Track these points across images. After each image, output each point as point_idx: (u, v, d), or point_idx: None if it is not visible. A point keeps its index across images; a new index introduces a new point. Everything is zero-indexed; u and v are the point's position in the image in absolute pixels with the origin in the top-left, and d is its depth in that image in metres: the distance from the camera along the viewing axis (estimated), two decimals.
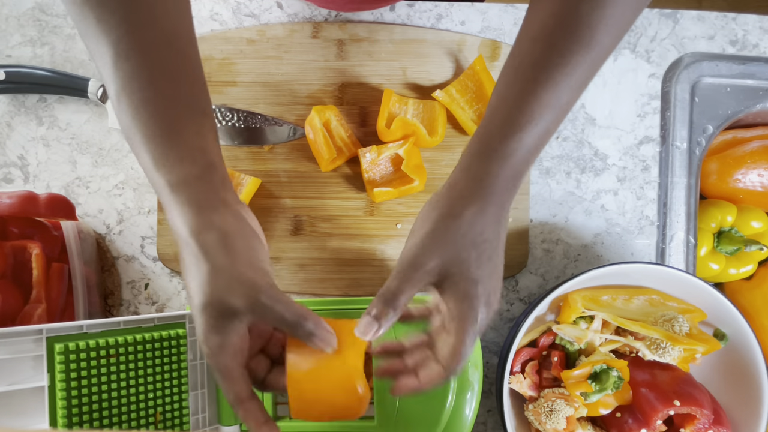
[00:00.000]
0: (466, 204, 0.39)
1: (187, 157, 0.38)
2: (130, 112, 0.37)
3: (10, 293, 0.49)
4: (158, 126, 0.37)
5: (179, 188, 0.37)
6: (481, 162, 0.39)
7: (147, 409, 0.46)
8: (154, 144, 0.37)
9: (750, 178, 0.64)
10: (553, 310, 0.56)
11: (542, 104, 0.38)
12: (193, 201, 0.37)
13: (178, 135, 0.38)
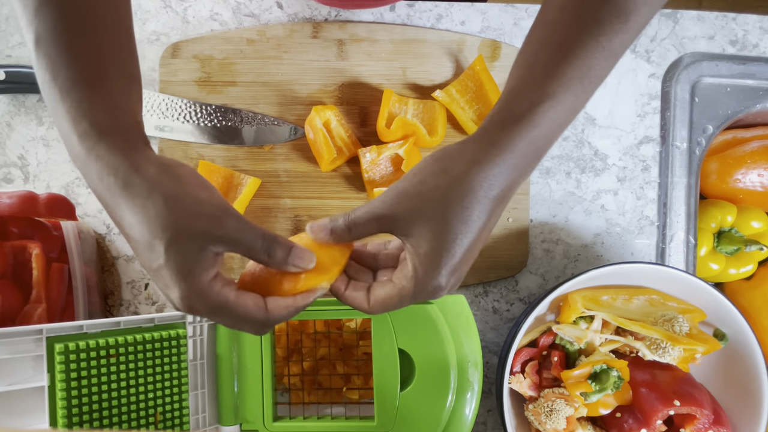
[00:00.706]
0: (469, 166, 0.35)
1: (111, 109, 0.35)
2: (49, 59, 0.35)
3: (10, 293, 0.49)
4: (81, 75, 0.35)
5: (103, 134, 0.34)
6: (501, 128, 0.35)
7: (147, 409, 0.46)
8: (75, 92, 0.34)
9: (750, 178, 0.64)
10: (553, 310, 0.56)
11: (574, 73, 0.35)
12: (121, 146, 0.34)
13: (103, 88, 0.35)
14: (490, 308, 0.62)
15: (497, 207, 0.36)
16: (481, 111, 0.61)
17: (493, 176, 0.35)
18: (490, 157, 0.35)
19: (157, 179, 0.33)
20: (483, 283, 0.61)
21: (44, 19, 0.35)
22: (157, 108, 0.61)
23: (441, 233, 0.35)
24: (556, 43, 0.35)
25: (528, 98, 0.35)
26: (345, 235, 0.38)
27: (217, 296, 0.34)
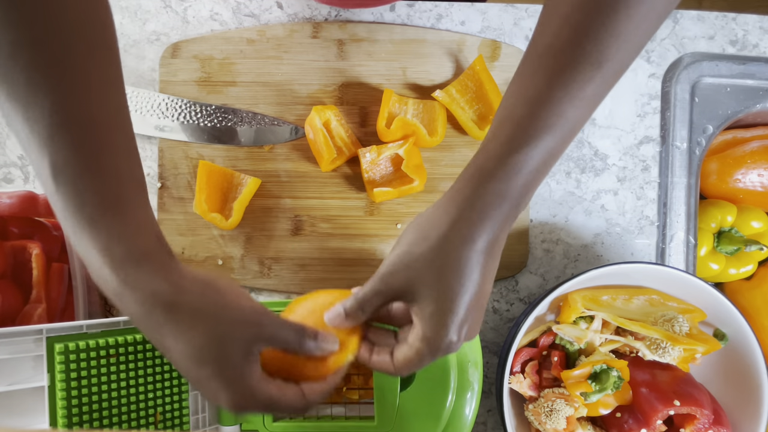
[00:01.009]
0: (444, 230, 0.37)
1: (141, 227, 0.36)
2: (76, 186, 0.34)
3: (10, 293, 0.49)
4: (109, 200, 0.35)
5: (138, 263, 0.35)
6: (472, 186, 0.37)
7: (147, 409, 0.46)
8: (106, 219, 0.34)
9: (750, 178, 0.64)
10: (553, 310, 0.56)
11: (543, 124, 0.36)
12: (161, 265, 0.36)
13: (130, 208, 0.36)
14: (490, 308, 0.62)
15: (488, 258, 0.37)
16: (481, 111, 0.61)
17: (473, 233, 0.36)
18: (465, 215, 0.37)
19: (201, 298, 0.36)
20: None
21: (61, 147, 0.33)
22: (157, 108, 0.61)
23: (440, 295, 0.37)
24: (528, 97, 0.36)
25: (496, 155, 0.36)
26: (359, 315, 0.40)
27: (263, 394, 0.37)
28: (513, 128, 0.36)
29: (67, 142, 0.33)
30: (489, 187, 0.36)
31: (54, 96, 0.33)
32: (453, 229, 0.37)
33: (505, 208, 0.37)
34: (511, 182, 0.36)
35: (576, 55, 0.35)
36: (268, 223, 0.61)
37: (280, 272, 0.61)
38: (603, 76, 0.35)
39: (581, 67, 0.35)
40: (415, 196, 0.61)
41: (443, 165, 0.61)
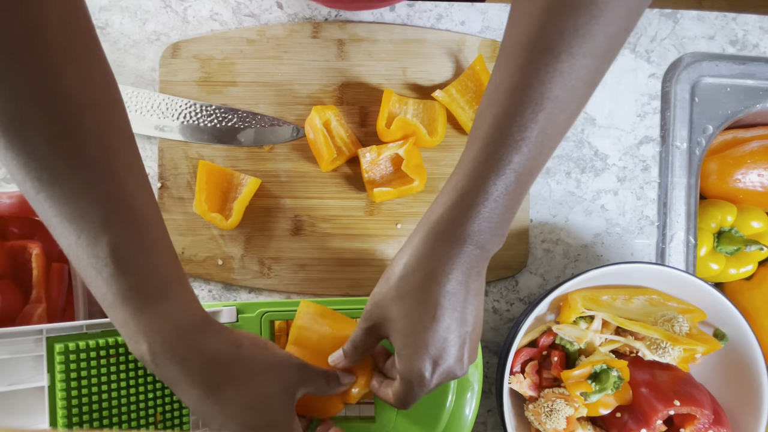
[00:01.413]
0: (397, 270, 0.39)
1: (192, 298, 0.40)
2: (134, 265, 0.35)
3: (10, 293, 0.49)
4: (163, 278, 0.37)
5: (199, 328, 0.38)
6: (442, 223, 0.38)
7: (147, 409, 0.46)
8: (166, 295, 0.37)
9: (750, 178, 0.64)
10: (553, 310, 0.56)
11: (502, 163, 0.36)
12: (214, 332, 0.39)
13: (181, 283, 0.39)
14: (490, 308, 0.62)
15: (460, 293, 0.38)
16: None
17: (436, 269, 0.37)
18: (428, 252, 0.38)
19: (255, 350, 0.39)
20: None
21: (118, 230, 0.35)
22: (157, 108, 0.61)
23: (405, 331, 0.38)
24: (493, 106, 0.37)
25: (462, 186, 0.37)
26: (357, 354, 0.43)
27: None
28: (477, 152, 0.37)
29: (123, 223, 0.35)
30: (452, 226, 0.37)
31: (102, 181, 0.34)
32: (416, 266, 0.38)
33: (474, 243, 0.37)
34: (474, 220, 0.37)
35: (539, 50, 0.34)
36: (268, 223, 0.61)
37: (280, 272, 0.61)
38: (567, 71, 0.35)
39: (544, 63, 0.34)
40: (415, 196, 0.61)
41: (443, 165, 0.61)
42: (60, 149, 0.32)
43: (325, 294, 0.61)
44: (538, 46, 0.34)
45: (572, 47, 0.33)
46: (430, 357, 0.38)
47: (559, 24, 0.33)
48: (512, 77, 0.35)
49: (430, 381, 0.38)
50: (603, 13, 0.33)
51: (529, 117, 0.35)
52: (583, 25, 0.33)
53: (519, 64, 0.35)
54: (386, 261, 0.61)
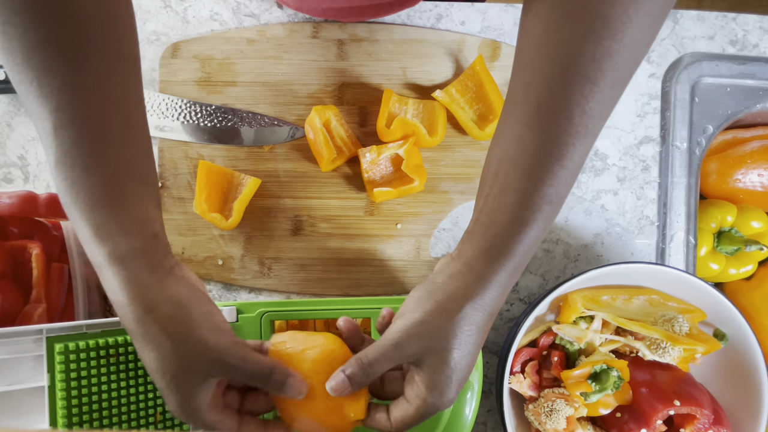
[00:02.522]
0: (463, 303, 0.39)
1: (130, 228, 0.37)
2: (68, 181, 0.36)
3: (10, 293, 0.49)
4: (99, 196, 0.36)
5: (123, 263, 0.36)
6: (486, 262, 0.39)
7: (147, 409, 0.46)
8: (94, 215, 0.36)
9: (750, 178, 0.64)
10: (553, 310, 0.56)
11: (545, 200, 0.38)
12: (140, 278, 0.37)
13: (120, 205, 0.37)
14: None
15: (488, 324, 0.40)
16: (481, 111, 0.61)
17: (483, 305, 0.39)
18: (478, 291, 0.39)
19: (167, 324, 0.37)
20: None
21: (61, 141, 0.35)
22: (157, 108, 0.61)
23: (450, 361, 0.39)
24: (526, 165, 0.38)
25: (506, 230, 0.38)
26: (364, 380, 0.40)
27: (204, 419, 0.38)
28: (516, 203, 0.38)
29: (68, 135, 0.35)
30: (501, 265, 0.39)
31: (60, 95, 0.35)
32: (470, 304, 0.39)
33: (511, 281, 0.40)
34: (517, 258, 0.39)
35: (562, 128, 0.37)
36: (268, 223, 0.61)
37: (280, 272, 0.61)
38: (585, 147, 0.38)
39: (573, 139, 0.37)
40: (415, 196, 0.61)
41: (443, 165, 0.61)
42: (31, 61, 0.34)
43: (325, 294, 0.61)
44: (572, 72, 0.36)
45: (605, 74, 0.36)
46: (462, 382, 0.40)
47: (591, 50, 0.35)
48: (547, 104, 0.37)
49: (440, 408, 0.40)
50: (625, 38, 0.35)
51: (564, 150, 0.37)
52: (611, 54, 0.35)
53: (554, 92, 0.37)
54: (386, 261, 0.61)
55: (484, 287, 0.39)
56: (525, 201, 0.38)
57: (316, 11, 0.61)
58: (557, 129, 0.37)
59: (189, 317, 0.38)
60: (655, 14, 0.35)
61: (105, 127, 0.37)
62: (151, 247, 0.38)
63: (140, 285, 0.37)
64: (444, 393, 0.39)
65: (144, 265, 0.37)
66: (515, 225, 0.38)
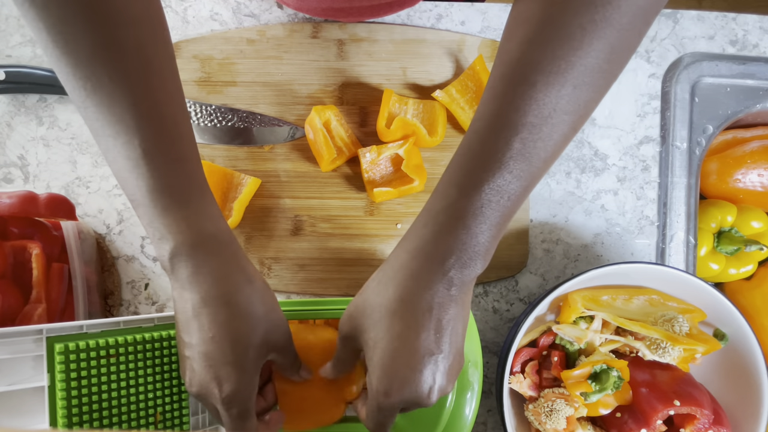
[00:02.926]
0: (399, 282, 0.37)
1: (221, 215, 0.41)
2: (159, 172, 0.38)
3: (10, 293, 0.49)
4: (190, 186, 0.39)
5: (225, 242, 0.40)
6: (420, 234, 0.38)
7: (147, 409, 0.46)
8: (191, 202, 0.39)
9: (750, 178, 0.64)
10: (553, 310, 0.56)
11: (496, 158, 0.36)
12: (241, 254, 0.41)
13: (208, 195, 0.41)
14: (490, 308, 0.62)
15: (436, 312, 0.37)
16: None
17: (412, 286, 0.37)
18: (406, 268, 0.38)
19: (263, 294, 0.41)
20: (483, 283, 0.61)
21: (147, 134, 0.37)
22: None
23: (374, 345, 0.38)
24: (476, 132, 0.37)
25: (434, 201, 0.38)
26: (341, 366, 0.44)
27: (245, 403, 0.40)
28: (451, 175, 0.37)
29: (152, 131, 0.37)
30: (426, 247, 0.37)
31: (136, 90, 0.37)
32: (389, 282, 0.38)
33: (447, 266, 0.36)
34: (447, 242, 0.36)
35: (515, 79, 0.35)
36: (268, 223, 0.61)
37: (280, 272, 0.61)
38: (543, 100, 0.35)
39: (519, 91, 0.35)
40: (415, 196, 0.61)
41: (443, 165, 0.61)
42: (100, 60, 0.35)
43: (325, 294, 0.61)
44: (515, 76, 0.35)
45: (549, 77, 0.34)
46: (391, 377, 0.37)
47: (537, 54, 0.34)
48: (489, 105, 0.36)
49: (393, 402, 0.37)
50: (583, 45, 0.34)
51: (502, 142, 0.35)
52: (562, 56, 0.34)
53: (497, 93, 0.36)
54: None
55: (388, 264, 0.39)
56: (453, 186, 0.37)
57: (315, 11, 0.61)
58: (491, 126, 0.36)
59: (271, 294, 0.43)
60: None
61: (179, 121, 0.39)
62: (230, 236, 0.42)
63: (243, 260, 0.41)
64: (376, 381, 0.37)
65: (238, 243, 0.42)
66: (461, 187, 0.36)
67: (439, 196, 0.37)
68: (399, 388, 0.37)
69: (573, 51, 0.34)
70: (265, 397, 0.46)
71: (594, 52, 0.34)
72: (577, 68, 0.34)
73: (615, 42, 0.34)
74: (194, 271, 0.39)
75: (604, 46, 0.34)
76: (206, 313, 0.39)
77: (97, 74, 0.36)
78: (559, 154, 0.37)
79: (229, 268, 0.40)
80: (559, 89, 0.34)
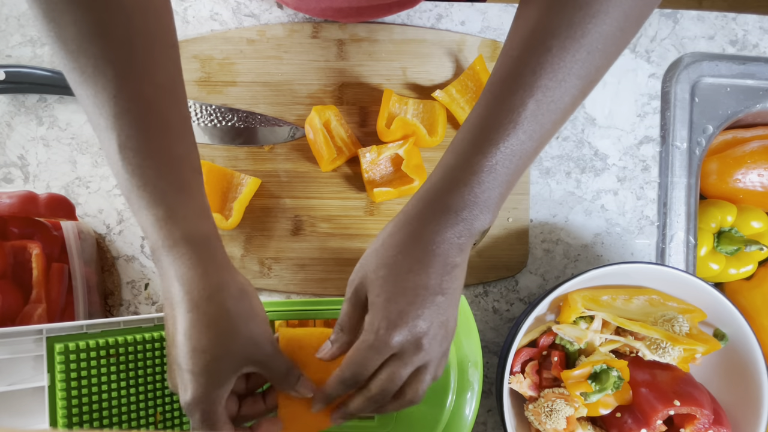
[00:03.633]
0: (411, 226, 0.38)
1: (202, 213, 0.39)
2: (133, 166, 0.37)
3: (10, 293, 0.49)
4: (168, 181, 0.37)
5: (199, 242, 0.38)
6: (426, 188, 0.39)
7: (147, 409, 0.46)
8: (166, 198, 0.37)
9: (750, 178, 0.64)
10: (553, 310, 0.56)
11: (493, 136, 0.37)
12: (215, 257, 0.38)
13: (188, 192, 0.38)
14: (490, 308, 0.62)
15: (442, 256, 0.38)
16: None
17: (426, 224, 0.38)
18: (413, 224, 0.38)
19: (235, 303, 0.38)
20: (483, 283, 0.61)
21: (125, 126, 0.36)
22: None
23: (382, 279, 0.38)
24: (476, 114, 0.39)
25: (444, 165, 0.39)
26: (344, 335, 0.41)
27: (213, 413, 0.37)
28: (466, 133, 0.39)
29: (130, 123, 0.36)
30: (439, 196, 0.38)
31: (118, 81, 0.36)
32: (401, 227, 0.39)
33: (459, 214, 0.38)
34: (460, 193, 0.38)
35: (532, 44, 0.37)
36: (268, 223, 0.61)
37: (280, 272, 0.61)
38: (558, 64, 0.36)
39: (535, 55, 0.36)
40: None
41: None
42: (85, 50, 0.35)
43: (325, 294, 0.61)
44: (531, 41, 0.37)
45: (564, 42, 0.36)
46: (391, 310, 0.37)
47: (554, 20, 0.36)
48: (505, 68, 0.38)
49: (386, 338, 0.37)
50: (599, 12, 0.35)
51: (517, 102, 0.37)
52: (578, 22, 0.35)
53: (513, 56, 0.38)
54: None
55: (402, 212, 0.39)
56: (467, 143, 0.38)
57: (315, 11, 0.61)
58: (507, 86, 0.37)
59: (251, 303, 0.39)
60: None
61: (165, 114, 0.38)
62: (213, 230, 0.39)
63: (215, 264, 0.38)
64: (380, 310, 0.37)
65: (217, 247, 0.39)
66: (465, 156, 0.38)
67: (455, 152, 0.39)
68: (395, 322, 0.37)
69: (589, 17, 0.35)
70: (265, 400, 0.43)
71: (609, 19, 0.35)
72: (591, 34, 0.36)
73: (629, 10, 0.36)
74: (167, 272, 0.38)
75: (619, 13, 0.36)
76: (174, 316, 0.37)
77: (83, 64, 0.35)
78: (567, 117, 0.39)
79: (202, 272, 0.37)
80: (574, 54, 0.36)
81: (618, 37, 0.37)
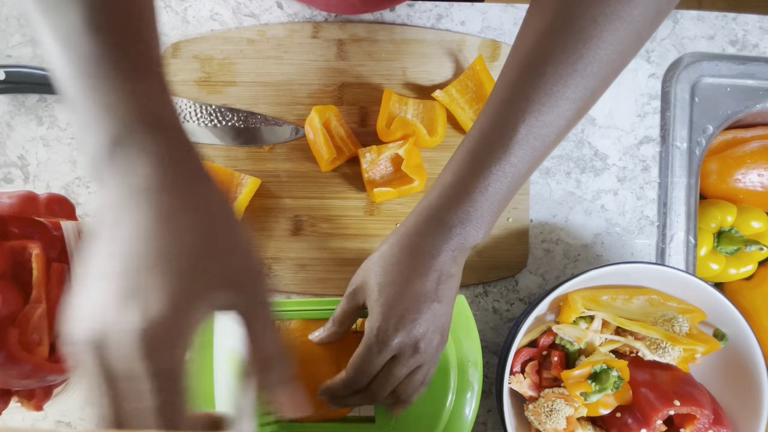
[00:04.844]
0: (411, 239, 0.41)
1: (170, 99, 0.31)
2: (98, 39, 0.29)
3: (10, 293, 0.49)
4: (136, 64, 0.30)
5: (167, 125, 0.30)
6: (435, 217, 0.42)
7: None
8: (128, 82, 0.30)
9: (750, 178, 0.64)
10: (553, 310, 0.56)
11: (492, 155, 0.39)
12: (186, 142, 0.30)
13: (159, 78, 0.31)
14: (490, 308, 0.62)
15: (438, 268, 0.41)
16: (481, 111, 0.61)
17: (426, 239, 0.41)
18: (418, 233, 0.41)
19: (221, 197, 0.30)
20: (483, 283, 0.61)
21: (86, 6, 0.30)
22: None
23: (381, 286, 0.40)
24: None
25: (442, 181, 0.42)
26: (337, 327, 0.44)
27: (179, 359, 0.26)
28: (463, 154, 0.41)
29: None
30: (437, 214, 0.41)
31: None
32: (401, 241, 0.41)
33: (454, 230, 0.41)
34: (455, 211, 0.40)
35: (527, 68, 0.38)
36: (268, 223, 0.61)
37: (280, 272, 0.61)
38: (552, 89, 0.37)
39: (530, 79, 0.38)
40: (415, 196, 0.61)
41: (443, 165, 0.61)
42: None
43: (325, 294, 0.61)
44: (527, 65, 0.38)
45: (558, 67, 0.37)
46: (390, 314, 0.39)
47: (549, 45, 0.37)
48: (501, 92, 0.39)
49: (386, 340, 0.39)
50: (594, 38, 0.36)
51: (509, 128, 0.38)
52: (572, 48, 0.36)
53: (509, 80, 0.39)
54: None
55: (402, 226, 0.42)
56: (463, 164, 0.41)
57: (320, 4, 0.61)
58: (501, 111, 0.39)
59: (233, 208, 0.31)
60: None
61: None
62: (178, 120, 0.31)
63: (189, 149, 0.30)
64: (379, 316, 0.39)
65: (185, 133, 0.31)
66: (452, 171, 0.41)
67: (452, 172, 0.41)
68: (395, 326, 0.39)
69: (583, 43, 0.36)
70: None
71: (604, 45, 0.36)
72: (586, 60, 0.36)
73: (625, 35, 0.36)
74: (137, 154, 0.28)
75: (615, 39, 0.36)
76: (148, 201, 0.27)
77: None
78: (562, 138, 0.40)
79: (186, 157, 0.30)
80: (567, 79, 0.37)
81: (615, 60, 0.37)
